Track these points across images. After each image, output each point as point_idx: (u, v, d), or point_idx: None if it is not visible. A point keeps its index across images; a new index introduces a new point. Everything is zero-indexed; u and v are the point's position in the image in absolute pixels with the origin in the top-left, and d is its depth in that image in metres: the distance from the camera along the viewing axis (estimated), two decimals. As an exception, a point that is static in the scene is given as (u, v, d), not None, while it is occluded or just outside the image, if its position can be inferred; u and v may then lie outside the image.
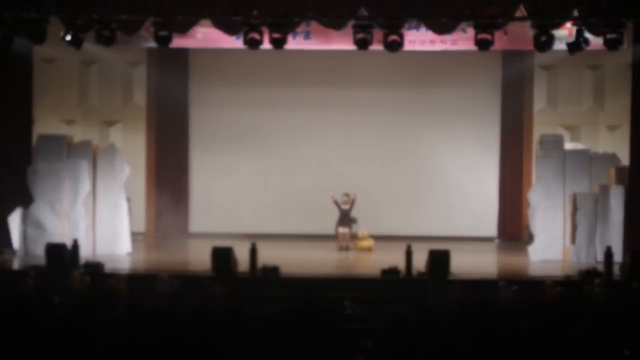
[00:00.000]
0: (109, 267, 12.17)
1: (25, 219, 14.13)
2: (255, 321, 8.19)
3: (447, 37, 13.99)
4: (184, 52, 16.89)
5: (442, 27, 12.83)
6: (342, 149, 17.44)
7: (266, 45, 12.85)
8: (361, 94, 17.33)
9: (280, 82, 17.34)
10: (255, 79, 17.24)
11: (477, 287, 10.92)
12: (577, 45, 12.84)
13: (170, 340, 7.53)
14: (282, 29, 12.60)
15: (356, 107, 17.36)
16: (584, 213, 13.98)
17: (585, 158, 14.44)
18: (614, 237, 13.71)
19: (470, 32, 12.99)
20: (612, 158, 14.57)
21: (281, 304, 9.00)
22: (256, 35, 12.63)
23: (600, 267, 12.26)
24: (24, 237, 14.11)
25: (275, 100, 17.41)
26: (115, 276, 10.95)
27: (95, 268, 11.98)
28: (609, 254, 12.15)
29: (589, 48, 13.06)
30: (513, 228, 17.25)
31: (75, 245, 12.46)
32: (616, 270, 12.26)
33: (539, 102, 17.12)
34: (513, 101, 17.28)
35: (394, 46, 12.78)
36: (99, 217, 14.60)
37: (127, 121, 17.33)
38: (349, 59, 16.20)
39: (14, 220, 14.04)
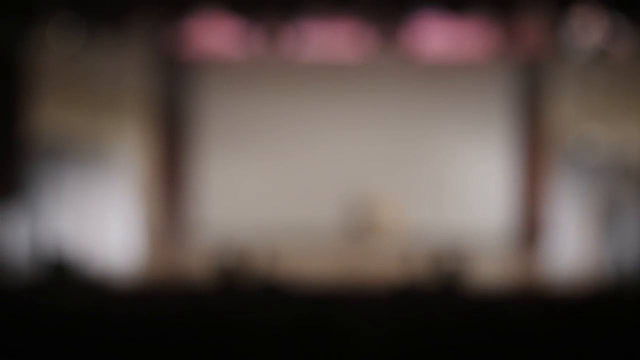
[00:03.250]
0: (113, 270, 12.08)
1: (24, 225, 13.98)
2: (261, 334, 7.99)
3: (461, 37, 13.78)
4: (194, 56, 16.80)
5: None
6: (349, 149, 17.26)
7: (274, 45, 12.73)
8: (370, 94, 17.15)
9: (290, 82, 17.23)
10: (265, 80, 17.14)
11: (490, 297, 10.78)
12: (603, 50, 12.61)
13: (173, 350, 7.38)
14: (289, 27, 12.51)
15: (365, 108, 17.19)
16: (604, 221, 13.74)
17: (609, 166, 14.18)
18: (635, 246, 13.43)
19: (486, 32, 12.80)
20: (635, 164, 14.29)
21: (288, 315, 8.86)
22: (263, 36, 12.57)
23: (620, 278, 12.04)
24: (23, 244, 13.96)
25: (285, 100, 17.32)
26: (119, 280, 10.91)
27: (99, 272, 11.86)
28: (629, 263, 11.91)
29: (615, 48, 12.82)
30: (528, 234, 17.01)
31: (75, 249, 12.34)
32: (637, 280, 12.02)
33: (558, 104, 16.83)
34: (531, 103, 17.03)
35: (403, 44, 12.65)
36: (105, 220, 14.54)
37: (136, 122, 17.19)
38: (353, 61, 16.05)
39: (11, 227, 13.92)
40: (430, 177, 17.34)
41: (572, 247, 13.94)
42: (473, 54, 14.30)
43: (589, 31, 12.85)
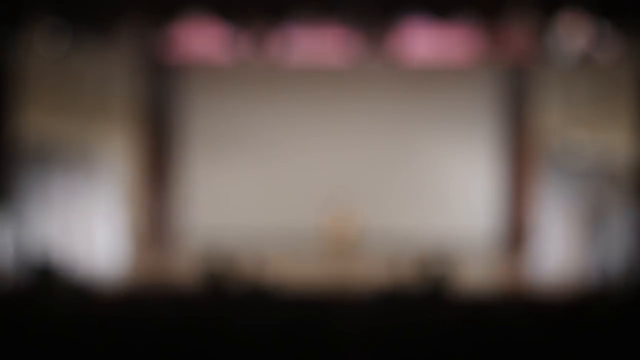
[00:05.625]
0: (100, 275, 12.10)
1: (11, 229, 13.98)
2: (248, 338, 8.05)
3: (447, 43, 13.84)
4: (179, 61, 16.80)
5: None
6: (336, 154, 17.35)
7: (260, 50, 12.77)
8: (357, 99, 17.22)
9: (276, 87, 17.30)
10: (252, 84, 17.20)
11: (476, 301, 10.85)
12: (586, 56, 12.70)
13: (160, 355, 7.46)
14: (275, 32, 12.54)
15: (351, 113, 17.26)
16: (589, 226, 13.84)
17: (592, 170, 14.28)
18: (620, 251, 13.54)
19: (472, 38, 12.87)
20: (620, 169, 14.39)
21: (275, 320, 8.89)
22: (250, 40, 12.61)
23: (606, 282, 12.13)
24: (9, 248, 13.95)
25: (271, 104, 17.38)
26: (106, 285, 10.95)
27: (85, 276, 11.86)
28: (615, 268, 11.99)
29: (600, 59, 12.91)
30: (514, 239, 17.08)
31: (66, 252, 12.35)
32: (623, 288, 12.12)
33: (543, 109, 16.90)
34: (516, 108, 17.13)
35: (389, 49, 12.72)
36: (91, 225, 14.56)
37: (122, 129, 17.15)
38: (340, 66, 16.11)
39: (0, 228, 13.95)
40: (415, 182, 17.40)
41: (558, 251, 14.06)
42: (459, 59, 14.40)
43: (573, 37, 12.95)
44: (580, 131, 16.95)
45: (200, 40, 13.77)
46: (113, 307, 9.69)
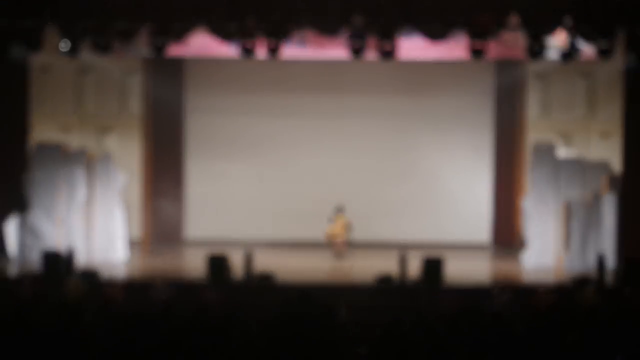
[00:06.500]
0: (104, 274, 12.20)
1: (21, 226, 14.16)
2: (250, 328, 8.21)
3: (441, 46, 14.03)
4: (179, 60, 16.91)
5: (435, 34, 12.91)
6: (336, 156, 17.51)
7: (261, 53, 12.89)
8: (355, 101, 17.39)
9: (275, 89, 17.39)
10: (250, 86, 17.30)
11: (471, 294, 11.07)
12: (569, 54, 12.88)
13: (165, 348, 7.55)
14: (277, 36, 12.64)
15: (350, 114, 17.42)
16: (576, 220, 14.05)
17: (578, 166, 14.51)
18: (607, 244, 13.77)
19: (464, 40, 13.05)
20: (605, 166, 14.62)
21: (276, 310, 9.02)
22: (251, 43, 12.69)
23: (593, 274, 12.33)
24: (20, 244, 14.14)
25: (270, 107, 17.47)
26: (110, 283, 11.07)
27: (90, 275, 11.99)
28: (601, 260, 12.22)
29: (582, 56, 13.11)
30: (506, 235, 17.27)
31: (71, 252, 12.49)
32: (609, 277, 12.36)
33: (532, 109, 17.14)
34: (506, 109, 17.32)
35: (388, 54, 12.86)
36: (95, 224, 14.64)
37: (123, 129, 17.35)
38: (343, 66, 16.26)
39: (10, 227, 14.10)
40: (412, 180, 17.53)
41: (549, 241, 14.17)
42: (451, 56, 14.56)
43: (557, 40, 13.17)
44: (568, 125, 17.21)
45: (203, 39, 13.78)
46: (119, 295, 9.86)
